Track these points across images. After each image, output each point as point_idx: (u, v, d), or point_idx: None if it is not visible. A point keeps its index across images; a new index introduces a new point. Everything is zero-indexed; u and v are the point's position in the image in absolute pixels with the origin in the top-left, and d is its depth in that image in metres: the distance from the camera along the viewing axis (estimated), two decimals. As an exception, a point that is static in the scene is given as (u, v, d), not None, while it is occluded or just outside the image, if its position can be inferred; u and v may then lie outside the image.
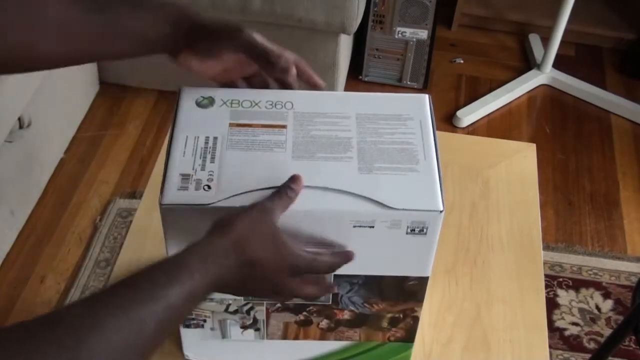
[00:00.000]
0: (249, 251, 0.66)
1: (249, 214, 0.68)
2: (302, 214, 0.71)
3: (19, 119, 1.79)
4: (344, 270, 0.75)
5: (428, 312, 0.96)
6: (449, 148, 0.94)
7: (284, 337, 0.87)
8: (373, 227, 0.72)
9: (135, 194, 2.00)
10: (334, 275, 0.77)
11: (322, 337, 0.86)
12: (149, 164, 2.07)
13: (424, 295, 0.81)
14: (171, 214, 0.71)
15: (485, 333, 0.95)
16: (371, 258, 0.75)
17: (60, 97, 2.04)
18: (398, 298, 0.81)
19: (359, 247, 0.74)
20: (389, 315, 0.83)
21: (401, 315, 0.83)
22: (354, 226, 0.72)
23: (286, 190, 0.70)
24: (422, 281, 0.79)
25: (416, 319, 0.84)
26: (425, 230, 0.73)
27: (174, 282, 0.61)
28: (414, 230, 0.73)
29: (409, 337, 0.87)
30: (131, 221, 1.25)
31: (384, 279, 0.79)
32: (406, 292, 0.80)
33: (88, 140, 2.14)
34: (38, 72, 1.66)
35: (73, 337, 0.55)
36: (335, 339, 0.87)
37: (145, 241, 1.02)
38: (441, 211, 0.72)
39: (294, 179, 0.71)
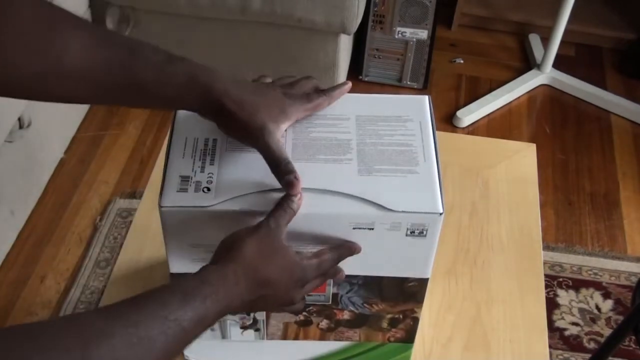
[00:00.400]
0: (259, 276, 0.67)
1: (255, 236, 0.67)
2: (301, 217, 0.70)
3: (19, 119, 1.78)
4: (344, 270, 0.75)
5: (428, 312, 0.96)
6: (449, 148, 0.94)
7: (284, 337, 0.87)
8: (373, 229, 0.72)
9: (135, 194, 2.00)
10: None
11: (322, 337, 0.86)
12: (149, 164, 2.07)
13: (424, 296, 0.81)
14: (170, 216, 0.71)
15: (485, 333, 0.95)
16: (371, 259, 0.75)
17: (61, 97, 2.03)
18: (398, 299, 0.81)
19: (359, 248, 0.74)
20: (389, 315, 0.83)
21: (401, 316, 0.83)
22: (354, 228, 0.72)
23: (288, 202, 0.69)
24: (422, 282, 0.79)
25: (416, 320, 0.84)
26: (425, 232, 0.73)
27: (186, 306, 0.61)
28: (414, 232, 0.73)
29: (409, 338, 0.87)
30: (131, 221, 1.26)
31: (383, 279, 0.79)
32: (406, 293, 0.80)
33: (88, 140, 2.14)
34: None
35: (81, 344, 0.54)
36: (335, 339, 0.87)
37: (145, 241, 1.02)
38: (441, 213, 0.71)
39: (291, 186, 0.69)
